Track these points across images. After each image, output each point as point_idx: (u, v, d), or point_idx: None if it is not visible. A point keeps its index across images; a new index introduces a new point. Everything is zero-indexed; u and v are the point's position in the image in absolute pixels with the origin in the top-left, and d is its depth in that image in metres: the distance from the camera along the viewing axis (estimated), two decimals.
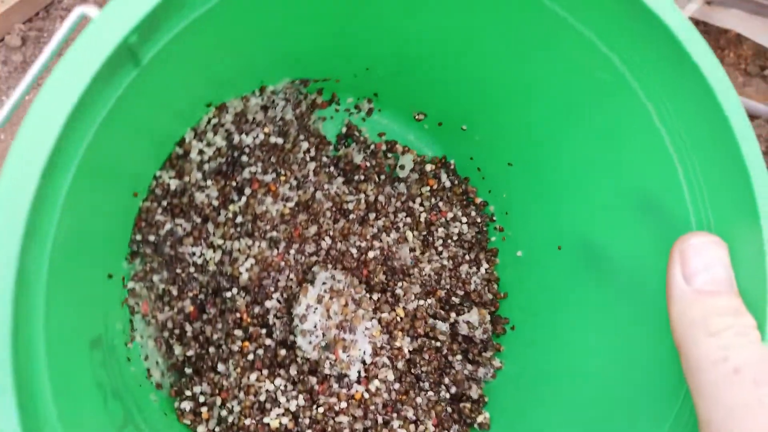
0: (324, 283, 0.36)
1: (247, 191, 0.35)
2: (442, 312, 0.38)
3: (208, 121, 0.33)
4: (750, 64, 0.87)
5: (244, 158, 0.35)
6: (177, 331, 0.33)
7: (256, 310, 0.35)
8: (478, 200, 0.41)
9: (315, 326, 0.35)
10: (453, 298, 0.39)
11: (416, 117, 0.40)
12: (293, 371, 0.34)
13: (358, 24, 0.31)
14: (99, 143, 0.22)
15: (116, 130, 0.23)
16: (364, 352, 0.35)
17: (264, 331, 0.34)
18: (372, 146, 0.41)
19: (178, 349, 0.33)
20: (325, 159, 0.39)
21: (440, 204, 0.40)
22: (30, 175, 0.18)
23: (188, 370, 0.33)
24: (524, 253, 0.38)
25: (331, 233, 0.37)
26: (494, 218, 0.40)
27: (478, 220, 0.41)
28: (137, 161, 0.30)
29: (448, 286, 0.39)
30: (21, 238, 0.18)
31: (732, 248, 0.22)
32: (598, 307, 0.31)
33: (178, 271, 0.34)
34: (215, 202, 0.34)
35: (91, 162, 0.22)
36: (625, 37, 0.23)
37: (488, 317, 0.39)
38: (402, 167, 0.41)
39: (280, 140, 0.36)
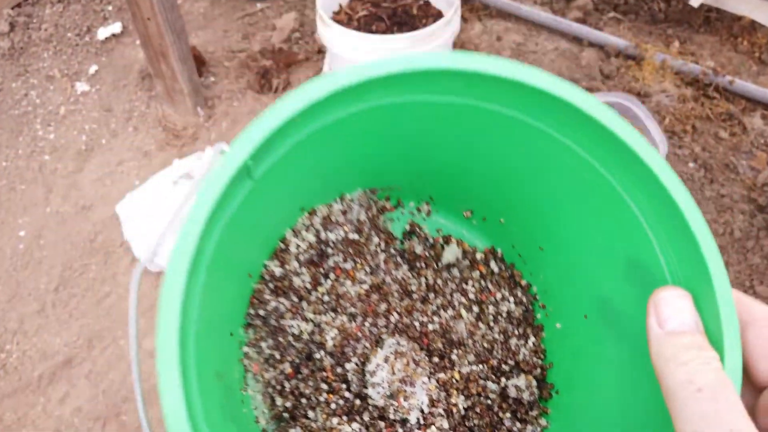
0: (390, 347, 0.44)
1: (332, 276, 0.45)
2: (494, 376, 0.45)
3: (303, 223, 0.45)
4: (764, 52, 0.86)
5: (329, 250, 0.45)
6: (278, 387, 0.42)
7: (338, 369, 0.43)
8: (523, 282, 0.48)
9: (382, 380, 0.42)
10: (503, 366, 0.46)
11: (465, 215, 0.49)
12: (366, 417, 0.42)
13: (413, 151, 0.43)
14: (224, 241, 0.32)
15: (237, 230, 0.33)
16: (422, 402, 0.42)
17: (344, 385, 0.43)
18: (431, 240, 0.50)
19: (278, 401, 0.42)
20: (392, 251, 0.48)
21: (489, 286, 0.48)
22: (181, 272, 0.28)
23: (285, 415, 0.42)
24: (562, 325, 0.45)
25: (398, 310, 0.46)
26: (537, 297, 0.47)
27: (524, 299, 0.48)
28: (252, 254, 0.41)
29: (499, 356, 0.46)
30: (179, 315, 0.27)
31: (697, 299, 0.29)
32: (622, 362, 0.37)
33: (280, 339, 0.43)
34: (308, 285, 0.44)
35: (219, 256, 0.32)
36: (615, 164, 0.33)
37: (534, 382, 0.45)
38: (456, 256, 0.49)
39: (356, 236, 0.46)
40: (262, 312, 0.42)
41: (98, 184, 1.45)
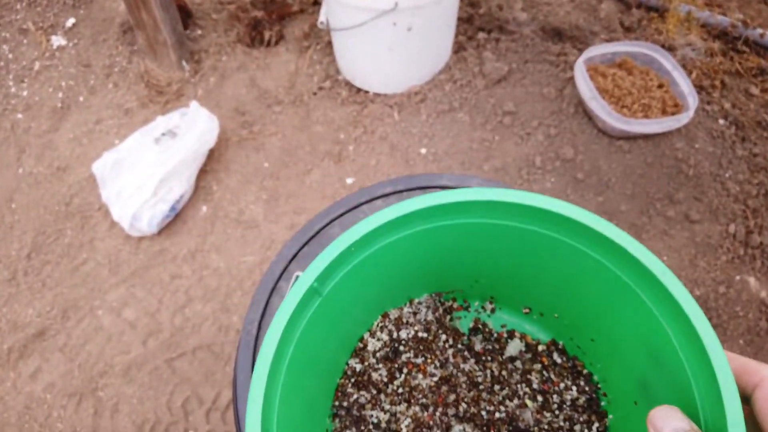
0: None
1: (405, 370, 0.51)
2: None
3: (377, 325, 0.53)
4: None
5: (402, 348, 0.52)
6: None
7: None
8: (585, 371, 0.51)
9: None
10: None
11: (524, 311, 0.54)
12: None
13: (470, 261, 0.50)
14: (302, 346, 0.40)
15: (313, 334, 0.42)
16: None
17: None
18: (495, 334, 0.55)
19: None
20: (460, 345, 0.53)
21: (552, 376, 0.52)
22: (264, 369, 0.36)
23: None
24: (619, 411, 0.48)
25: (466, 400, 0.50)
26: (599, 386, 0.50)
27: (587, 388, 0.50)
28: (332, 354, 0.49)
29: None
30: (260, 409, 0.35)
31: (705, 392, 0.34)
32: None
33: (362, 428, 0.49)
34: (385, 379, 0.51)
35: (298, 357, 0.40)
36: (641, 282, 0.39)
37: None
38: (519, 349, 0.54)
39: (425, 334, 0.53)
40: (345, 404, 0.50)
41: (75, 144, 1.33)
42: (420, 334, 0.53)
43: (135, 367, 1.05)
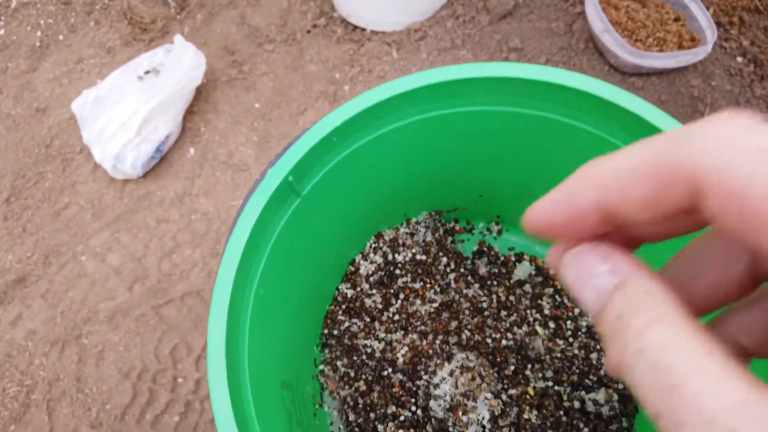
0: (458, 362, 0.43)
1: (402, 296, 0.47)
2: (571, 391, 0.44)
3: (371, 246, 0.48)
4: None
5: (398, 272, 0.47)
6: (352, 403, 0.44)
7: (408, 384, 0.44)
8: None
9: (445, 393, 0.42)
10: (586, 381, 0.44)
11: None
12: (429, 429, 0.43)
13: (472, 170, 0.42)
14: (277, 255, 0.35)
15: (290, 245, 0.36)
16: (483, 418, 0.41)
17: (413, 399, 0.44)
18: (502, 258, 0.50)
19: (351, 416, 0.44)
20: (462, 270, 0.49)
21: (566, 301, 0.47)
22: (228, 277, 0.31)
23: (356, 430, 0.43)
24: None
25: (469, 327, 0.46)
26: None
27: None
28: (318, 276, 0.43)
29: (578, 371, 0.44)
30: (225, 322, 0.30)
31: None
32: None
33: (354, 358, 0.45)
34: (379, 306, 0.47)
35: (272, 270, 0.35)
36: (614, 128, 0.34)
37: (616, 396, 0.42)
38: (528, 273, 0.49)
39: (424, 257, 0.48)
40: (336, 332, 0.46)
41: (54, 84, 1.26)
42: (418, 257, 0.48)
43: (120, 314, 1.00)
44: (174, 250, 1.05)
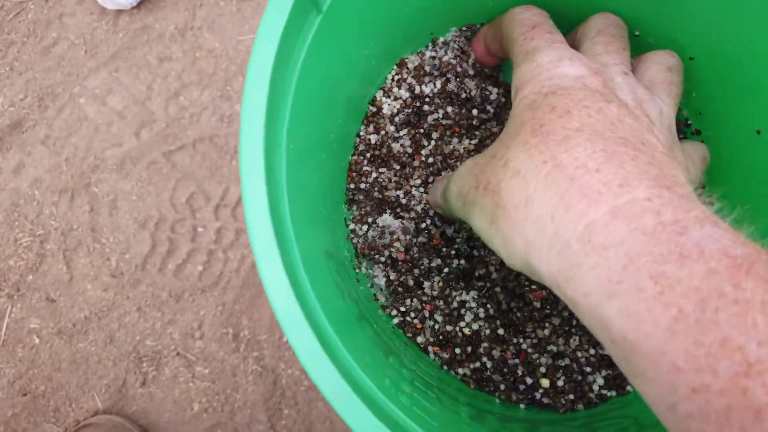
0: None
1: (435, 135, 0.41)
2: None
3: (393, 79, 0.41)
4: None
5: (426, 107, 0.40)
6: (390, 261, 0.40)
7: (448, 233, 0.40)
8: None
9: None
10: None
11: None
12: (479, 283, 0.40)
13: None
14: (305, 89, 0.28)
15: (318, 79, 0.30)
16: None
17: (453, 251, 0.41)
18: None
19: (393, 275, 0.40)
20: (503, 98, 0.41)
21: None
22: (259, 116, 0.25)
23: (400, 290, 0.40)
24: (728, 149, 0.38)
25: None
26: (689, 122, 0.40)
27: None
28: (344, 121, 0.38)
29: None
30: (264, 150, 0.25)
31: None
32: None
33: (388, 212, 0.40)
34: (409, 150, 0.41)
35: (303, 104, 0.28)
36: None
37: None
38: None
39: (455, 86, 0.40)
40: (363, 185, 0.41)
41: None
42: (450, 86, 0.40)
43: (130, 161, 0.93)
44: (180, 91, 0.95)
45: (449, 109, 0.41)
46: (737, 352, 0.15)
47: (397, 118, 0.41)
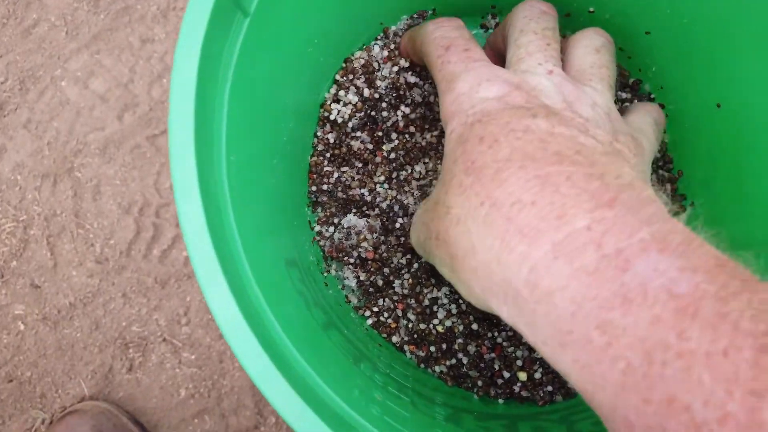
0: None
1: (394, 136, 0.39)
2: None
3: (340, 82, 0.39)
4: None
5: (383, 105, 0.38)
6: (359, 262, 0.39)
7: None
8: (631, 81, 0.40)
9: None
10: None
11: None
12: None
13: None
14: (239, 94, 0.26)
15: (252, 84, 0.28)
16: None
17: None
18: None
19: (363, 276, 0.40)
20: None
21: None
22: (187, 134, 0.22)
23: (371, 290, 0.40)
24: (691, 121, 0.38)
25: None
26: (652, 96, 0.40)
27: (636, 101, 0.40)
28: (297, 122, 0.37)
29: None
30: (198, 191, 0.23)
31: None
32: None
33: (353, 211, 0.39)
34: (370, 146, 0.39)
35: (239, 107, 0.26)
36: None
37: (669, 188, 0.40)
38: None
39: (413, 78, 0.38)
40: (325, 186, 0.39)
41: None
42: (410, 79, 0.38)
43: (113, 145, 0.92)
44: (163, 74, 0.94)
45: (405, 109, 0.39)
46: (684, 413, 0.14)
47: (350, 123, 0.39)
